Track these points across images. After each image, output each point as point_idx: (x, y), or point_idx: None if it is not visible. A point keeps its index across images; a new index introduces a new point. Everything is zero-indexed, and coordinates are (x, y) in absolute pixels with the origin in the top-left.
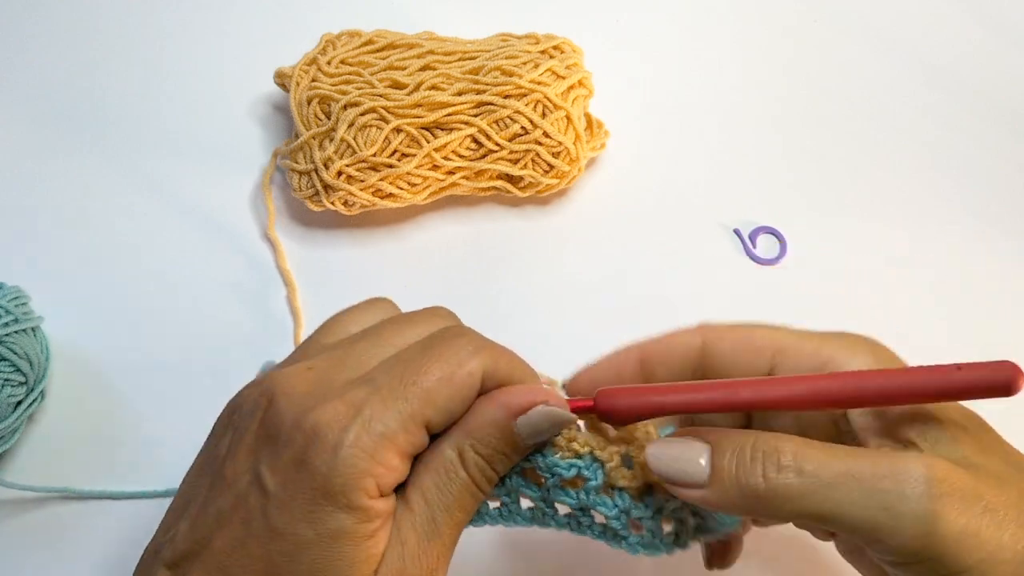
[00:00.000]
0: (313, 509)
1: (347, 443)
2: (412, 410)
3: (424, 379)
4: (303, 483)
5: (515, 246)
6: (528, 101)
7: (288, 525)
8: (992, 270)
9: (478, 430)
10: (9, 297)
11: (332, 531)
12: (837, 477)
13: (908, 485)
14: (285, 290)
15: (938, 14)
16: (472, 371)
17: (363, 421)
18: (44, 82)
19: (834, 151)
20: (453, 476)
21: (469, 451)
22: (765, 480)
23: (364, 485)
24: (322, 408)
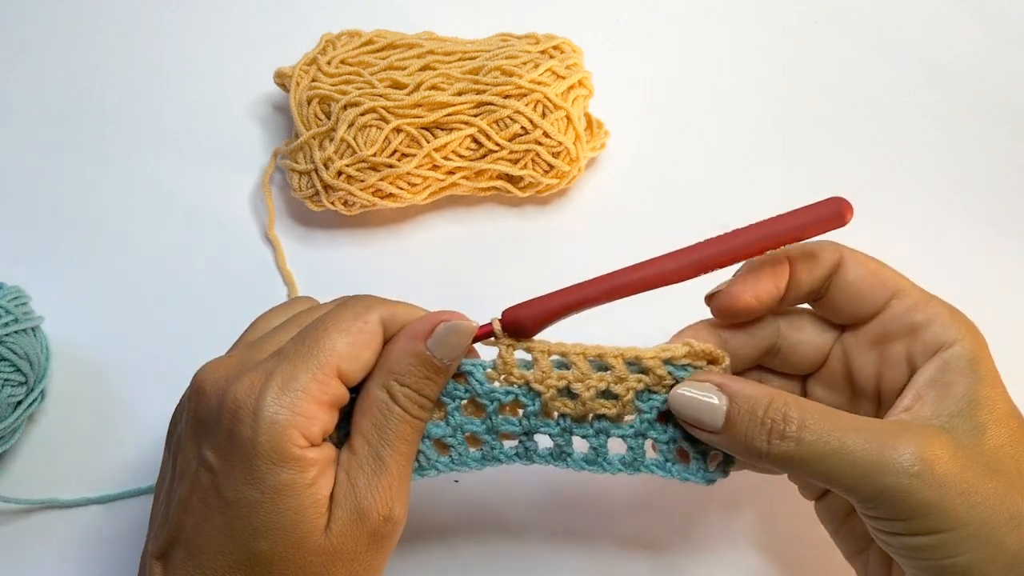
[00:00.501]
0: (251, 471)
1: (264, 405)
2: (318, 362)
3: (324, 336)
4: (237, 451)
5: (515, 246)
6: (528, 101)
7: (236, 492)
8: (992, 270)
9: (396, 364)
10: (9, 297)
11: (273, 486)
12: (831, 450)
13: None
14: (285, 289)
15: (938, 14)
16: (368, 319)
17: (275, 382)
18: (44, 82)
19: (834, 151)
20: (386, 412)
21: (394, 385)
22: (769, 445)
23: (289, 437)
24: (238, 382)
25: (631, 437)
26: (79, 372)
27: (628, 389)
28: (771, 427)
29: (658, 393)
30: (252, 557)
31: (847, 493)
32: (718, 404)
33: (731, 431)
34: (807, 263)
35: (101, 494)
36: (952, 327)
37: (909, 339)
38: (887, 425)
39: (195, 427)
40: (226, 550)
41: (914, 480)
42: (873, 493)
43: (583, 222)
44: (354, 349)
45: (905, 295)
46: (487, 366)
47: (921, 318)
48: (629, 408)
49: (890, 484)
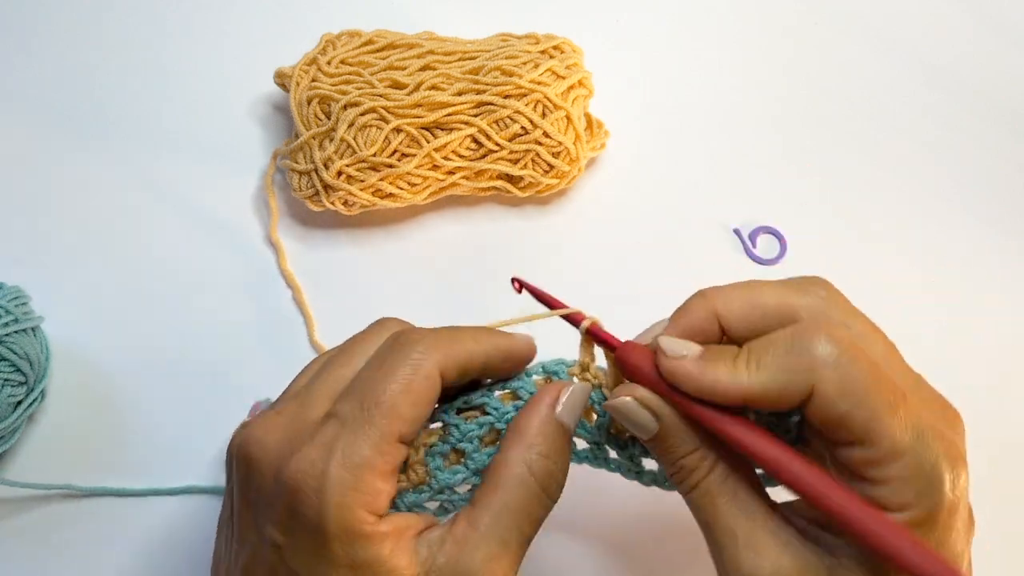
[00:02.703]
0: (322, 552)
1: (328, 485)
2: (382, 432)
3: (384, 398)
4: (304, 531)
5: (515, 246)
6: (528, 101)
7: (308, 570)
8: (992, 270)
9: (536, 436)
10: (9, 297)
11: (350, 564)
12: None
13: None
14: (287, 290)
15: (938, 14)
16: (428, 374)
17: (336, 459)
18: (44, 82)
19: (834, 151)
20: (524, 489)
21: (536, 459)
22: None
23: (358, 517)
24: (296, 458)
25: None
26: (79, 372)
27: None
28: (680, 469)
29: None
30: None
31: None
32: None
33: (657, 445)
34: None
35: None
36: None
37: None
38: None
39: (248, 501)
40: None
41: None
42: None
43: (583, 222)
44: (416, 411)
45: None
46: (569, 364)
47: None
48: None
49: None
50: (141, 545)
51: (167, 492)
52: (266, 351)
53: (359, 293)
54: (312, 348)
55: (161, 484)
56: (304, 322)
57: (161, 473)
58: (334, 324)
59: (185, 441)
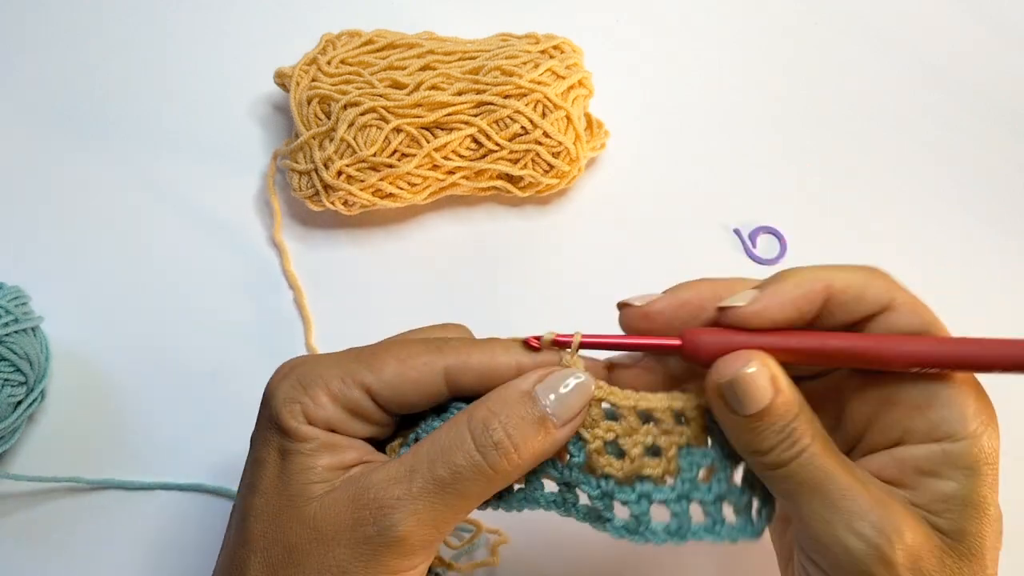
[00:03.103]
0: (266, 434)
1: (285, 380)
2: (351, 368)
3: (377, 353)
4: (262, 416)
5: (515, 246)
6: (528, 101)
7: (252, 451)
8: (993, 270)
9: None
10: (9, 297)
11: (278, 449)
12: (815, 482)
13: (871, 527)
14: (287, 289)
15: (938, 14)
16: (428, 361)
17: (305, 366)
18: (44, 82)
19: (834, 151)
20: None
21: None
22: (771, 451)
23: (290, 409)
24: (287, 362)
25: (674, 501)
26: (79, 372)
27: (671, 444)
28: (786, 437)
29: (698, 447)
30: (247, 508)
31: (805, 529)
32: (767, 391)
33: (754, 423)
34: (845, 302)
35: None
36: (971, 421)
37: (916, 412)
38: (878, 488)
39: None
40: (244, 510)
41: (873, 552)
42: (828, 542)
43: (583, 222)
44: (398, 380)
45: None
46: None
47: (943, 396)
48: (672, 467)
49: (849, 544)
50: (146, 539)
51: (175, 487)
52: (265, 352)
53: (359, 293)
54: (307, 351)
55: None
56: (302, 322)
57: (161, 472)
58: (333, 324)
59: (184, 441)
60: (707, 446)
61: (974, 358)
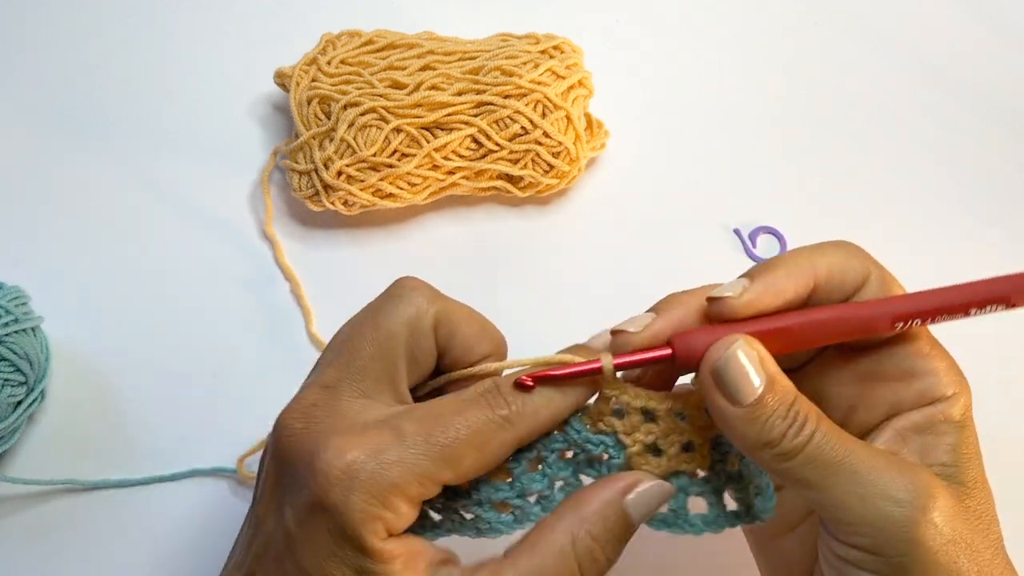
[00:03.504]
0: (333, 549)
1: (358, 489)
2: (431, 470)
3: (454, 445)
4: (321, 526)
5: (515, 246)
6: (528, 101)
7: (313, 565)
8: (993, 270)
9: (594, 515)
10: (9, 297)
11: (355, 569)
12: (838, 460)
13: (903, 492)
14: (286, 285)
15: (938, 14)
16: (502, 443)
17: (376, 469)
18: (44, 82)
19: (834, 151)
20: (561, 561)
21: (585, 538)
22: (784, 437)
23: (374, 528)
24: (336, 450)
25: (710, 492)
26: (79, 372)
27: (704, 438)
28: (793, 421)
29: (723, 437)
30: None
31: (838, 511)
32: (758, 379)
33: (757, 410)
34: (831, 286)
35: (120, 477)
36: (952, 382)
37: (902, 384)
38: (894, 456)
39: (276, 478)
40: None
41: (917, 514)
42: (868, 518)
43: (583, 222)
44: (473, 471)
45: (914, 336)
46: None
47: (923, 365)
48: (705, 460)
49: (891, 513)
50: (146, 534)
51: (170, 478)
52: (265, 346)
53: (359, 293)
54: (311, 341)
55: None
56: (302, 316)
57: (162, 471)
58: (334, 323)
59: (186, 439)
60: None
61: (951, 302)
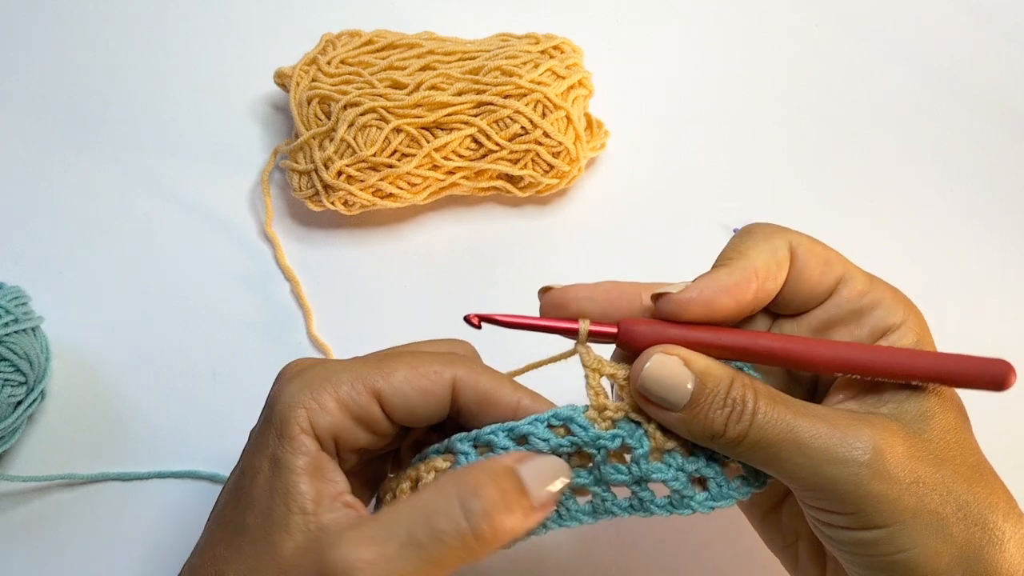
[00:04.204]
0: (265, 440)
1: (294, 382)
2: (362, 372)
3: (390, 359)
4: (261, 421)
5: (515, 246)
6: (528, 101)
7: (246, 459)
8: (993, 270)
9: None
10: (9, 297)
11: (270, 458)
12: (781, 436)
13: (845, 452)
14: (286, 285)
15: (939, 16)
16: (439, 370)
17: (316, 371)
18: (45, 83)
19: (834, 152)
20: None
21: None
22: (725, 427)
23: (295, 415)
24: (296, 362)
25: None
26: (79, 372)
27: None
28: (731, 409)
29: None
30: (238, 527)
31: (793, 482)
32: (685, 381)
33: (694, 410)
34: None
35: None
36: (897, 309)
37: (853, 325)
38: (837, 415)
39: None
40: (228, 513)
41: (864, 470)
42: (820, 483)
43: (583, 222)
44: (407, 387)
45: (852, 280)
46: (583, 408)
47: (867, 302)
48: None
49: (838, 475)
50: (144, 529)
51: (170, 475)
52: (266, 345)
53: (359, 293)
54: (311, 341)
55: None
56: (303, 315)
57: (162, 469)
58: (334, 322)
59: (186, 439)
60: None
61: (900, 367)
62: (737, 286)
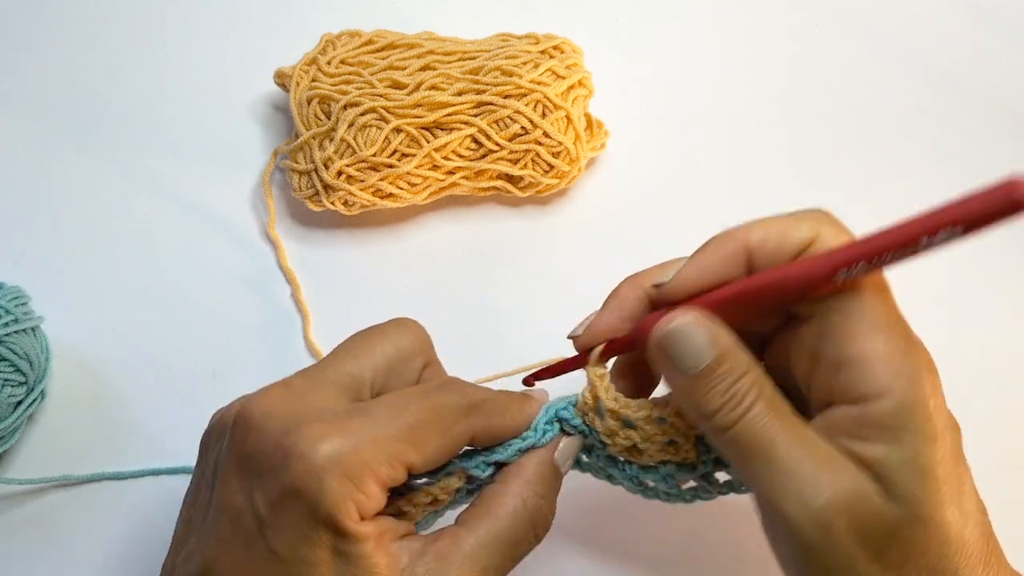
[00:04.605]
0: (307, 532)
1: (332, 472)
2: (397, 451)
3: (417, 427)
4: (295, 508)
5: (515, 246)
6: (528, 101)
7: (289, 549)
8: (993, 270)
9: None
10: (9, 297)
11: (330, 549)
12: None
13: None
14: (287, 288)
15: (939, 16)
16: (463, 431)
17: (350, 450)
18: (45, 83)
19: (835, 152)
20: (516, 521)
21: (533, 497)
22: (721, 411)
23: (348, 511)
24: (307, 431)
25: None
26: (79, 372)
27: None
28: (731, 398)
29: None
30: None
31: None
32: (706, 348)
33: (699, 383)
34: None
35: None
36: (887, 374)
37: (831, 372)
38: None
39: (241, 463)
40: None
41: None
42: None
43: (583, 222)
44: (437, 455)
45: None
46: (573, 400)
47: (850, 350)
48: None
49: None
50: (140, 528)
51: (165, 472)
52: (265, 348)
53: (359, 293)
54: (306, 346)
55: None
56: (301, 320)
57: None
58: (334, 323)
59: (186, 439)
60: None
61: (896, 236)
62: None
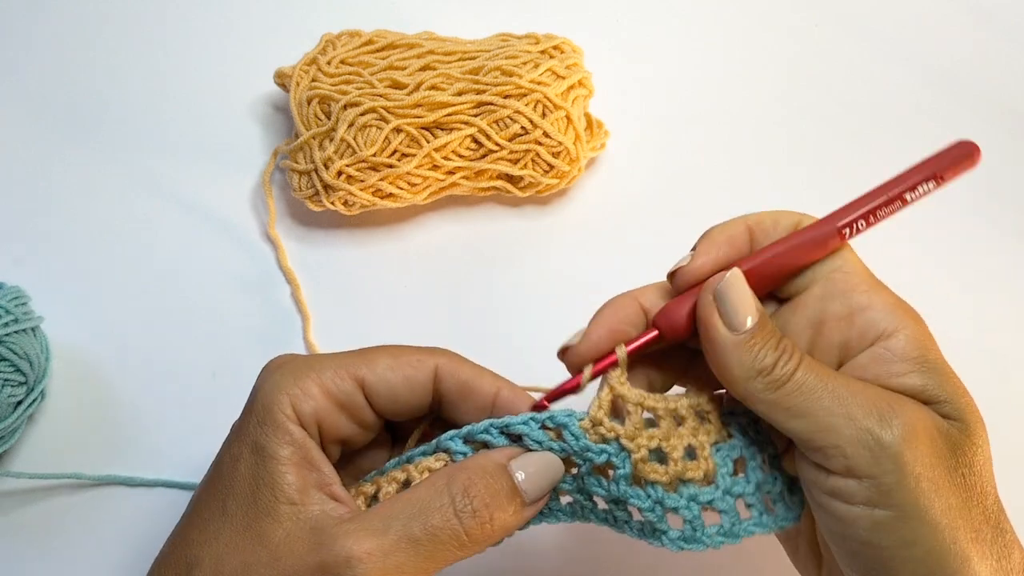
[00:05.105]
0: (245, 427)
1: (277, 370)
2: (345, 360)
3: (372, 350)
4: (246, 408)
5: (515, 246)
6: (528, 101)
7: (232, 445)
8: (993, 270)
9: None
10: (9, 297)
11: (253, 445)
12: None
13: (889, 420)
14: (287, 288)
15: (939, 16)
16: (421, 359)
17: (297, 359)
18: (45, 83)
19: (835, 151)
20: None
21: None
22: (775, 364)
23: (278, 401)
24: (282, 355)
25: (720, 499)
26: (79, 372)
27: (704, 443)
28: (783, 351)
29: (723, 442)
30: (217, 512)
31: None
32: (752, 308)
33: (757, 337)
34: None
35: (125, 475)
36: (892, 316)
37: (844, 323)
38: (873, 387)
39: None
40: (205, 500)
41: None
42: (854, 437)
43: (583, 222)
44: (388, 372)
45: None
46: (580, 416)
47: (860, 300)
48: (711, 466)
49: (876, 431)
50: (146, 536)
51: (176, 485)
52: (266, 346)
53: (359, 293)
54: (306, 347)
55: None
56: (301, 320)
57: (161, 471)
58: (334, 323)
59: (185, 439)
60: (731, 439)
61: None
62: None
